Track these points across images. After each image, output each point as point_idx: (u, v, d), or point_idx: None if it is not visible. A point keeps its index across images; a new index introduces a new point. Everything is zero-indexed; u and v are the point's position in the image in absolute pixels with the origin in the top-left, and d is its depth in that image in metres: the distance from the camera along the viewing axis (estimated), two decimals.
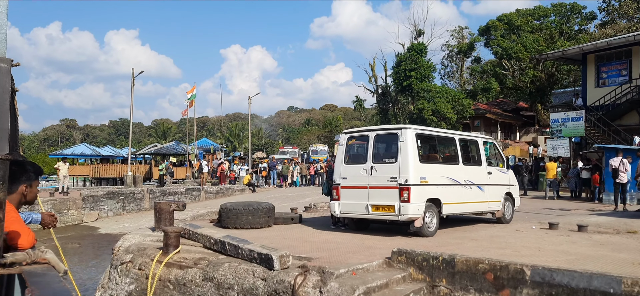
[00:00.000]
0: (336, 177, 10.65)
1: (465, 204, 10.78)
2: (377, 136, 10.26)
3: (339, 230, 11.13)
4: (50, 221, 4.87)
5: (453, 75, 78.48)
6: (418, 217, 9.59)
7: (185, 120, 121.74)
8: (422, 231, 9.76)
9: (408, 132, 9.73)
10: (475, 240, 9.56)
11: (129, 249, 9.85)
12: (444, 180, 10.24)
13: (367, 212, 10.08)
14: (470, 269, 6.72)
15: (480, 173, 11.31)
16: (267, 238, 10.01)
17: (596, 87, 28.56)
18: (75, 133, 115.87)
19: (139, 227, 22.66)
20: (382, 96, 76.26)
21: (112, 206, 25.40)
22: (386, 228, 11.19)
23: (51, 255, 3.63)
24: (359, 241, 9.44)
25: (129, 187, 28.81)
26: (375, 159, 10.18)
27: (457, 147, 10.88)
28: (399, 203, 9.55)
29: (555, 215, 14.04)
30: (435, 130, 10.90)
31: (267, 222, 11.59)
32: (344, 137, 10.81)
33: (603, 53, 28.06)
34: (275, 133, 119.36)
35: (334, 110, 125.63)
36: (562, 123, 26.85)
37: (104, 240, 20.86)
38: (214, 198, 28.41)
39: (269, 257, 7.32)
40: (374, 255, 7.96)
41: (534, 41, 52.97)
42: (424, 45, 66.54)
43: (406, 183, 9.49)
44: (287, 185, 33.00)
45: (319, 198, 26.38)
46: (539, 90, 54.29)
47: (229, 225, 11.38)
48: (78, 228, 23.23)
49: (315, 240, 9.76)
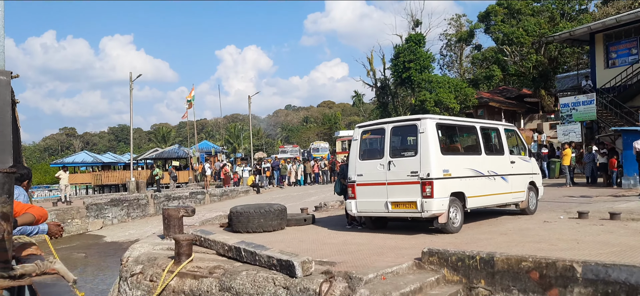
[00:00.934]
0: (351, 174, 10.09)
1: (489, 196, 10.22)
2: (394, 128, 9.69)
3: (356, 230, 10.58)
4: (57, 230, 5.04)
5: (452, 65, 77.78)
6: (442, 213, 9.04)
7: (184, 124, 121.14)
8: (447, 227, 9.21)
9: (428, 122, 9.17)
10: (504, 234, 9.01)
11: (138, 259, 9.31)
12: (467, 172, 9.69)
13: (386, 210, 9.52)
14: (512, 268, 6.16)
15: (503, 163, 10.75)
16: (282, 241, 9.46)
17: (606, 68, 27.88)
18: (75, 141, 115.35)
19: (145, 234, 22.16)
20: (381, 90, 75.67)
21: (116, 213, 24.88)
22: (406, 225, 10.63)
23: (60, 265, 3.76)
24: (380, 242, 8.89)
25: (132, 193, 28.28)
26: (393, 153, 9.61)
27: (478, 136, 10.32)
28: (421, 199, 8.99)
29: (580, 203, 13.49)
30: (456, 119, 10.34)
31: (279, 224, 11.05)
32: (357, 131, 10.24)
33: (611, 31, 27.35)
34: (274, 133, 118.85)
35: (332, 106, 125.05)
36: (573, 107, 26.25)
37: (110, 249, 20.34)
38: (219, 200, 27.88)
39: (290, 264, 6.77)
40: (401, 256, 7.42)
41: (536, 24, 52.23)
42: (422, 36, 65.83)
43: (428, 177, 8.93)
44: (286, 185, 32.43)
45: (324, 196, 25.86)
46: (542, 76, 53.56)
47: (241, 229, 10.84)
48: (83, 238, 22.72)
49: (333, 242, 9.21)
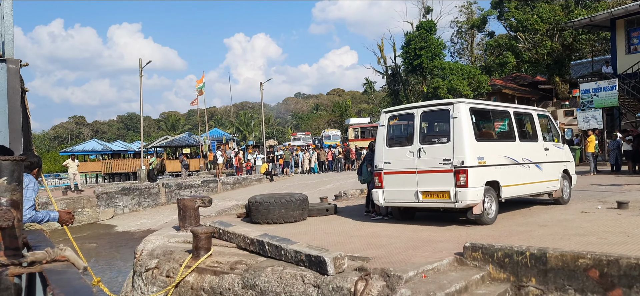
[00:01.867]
0: (378, 162, 9.52)
1: (524, 185, 9.63)
2: (424, 113, 9.10)
3: (383, 221, 10.04)
4: (68, 218, 5.11)
5: (463, 52, 76.84)
6: (477, 203, 8.46)
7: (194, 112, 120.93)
8: (482, 218, 8.64)
9: (462, 107, 8.57)
10: (543, 226, 8.42)
11: (153, 253, 8.82)
12: (501, 160, 9.09)
13: (416, 200, 8.96)
14: (568, 265, 5.59)
15: (537, 150, 10.14)
16: (306, 234, 8.94)
17: (627, 53, 27.05)
18: (85, 129, 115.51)
19: (157, 223, 21.76)
20: (392, 77, 74.88)
21: (127, 202, 24.50)
22: (434, 216, 10.07)
23: (70, 253, 3.78)
24: (412, 234, 8.34)
25: (143, 182, 27.89)
26: (424, 140, 9.03)
27: (512, 121, 9.71)
28: (454, 189, 8.41)
29: (612, 192, 12.85)
30: (489, 103, 9.74)
31: (301, 214, 10.52)
32: (384, 116, 9.66)
33: (634, 17, 26.54)
34: (284, 121, 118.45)
35: (342, 94, 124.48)
36: (594, 93, 25.50)
37: (121, 239, 19.96)
38: (232, 189, 27.43)
39: (321, 259, 6.24)
40: (438, 251, 6.87)
41: (550, 11, 51.22)
42: (434, 23, 64.95)
43: (462, 165, 8.34)
44: (292, 174, 31.93)
45: (340, 185, 25.35)
46: (556, 63, 52.62)
47: (260, 220, 10.32)
48: (94, 227, 22.36)
49: (361, 233, 8.67)
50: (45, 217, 4.98)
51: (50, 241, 7.57)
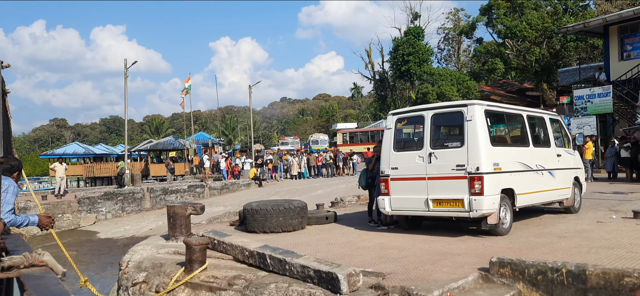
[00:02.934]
0: (384, 168, 8.90)
1: (537, 193, 9.08)
2: (436, 116, 8.50)
3: (389, 231, 9.40)
4: (48, 222, 4.98)
5: (450, 59, 76.95)
6: (493, 212, 7.88)
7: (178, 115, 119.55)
8: (497, 229, 8.06)
9: (476, 109, 7.99)
10: (563, 237, 7.86)
11: (141, 265, 8.09)
12: (516, 166, 8.53)
13: (426, 208, 8.34)
14: (611, 284, 5.01)
15: (550, 157, 9.61)
16: (308, 244, 8.28)
17: (620, 60, 26.86)
18: (66, 132, 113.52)
19: (142, 229, 20.91)
20: (379, 82, 74.65)
21: (110, 207, 23.58)
22: (443, 226, 9.47)
23: (49, 257, 3.74)
24: (424, 245, 7.72)
25: (127, 186, 26.96)
26: (435, 144, 8.43)
27: (526, 125, 9.17)
28: (469, 197, 7.82)
29: (620, 201, 12.39)
30: (503, 105, 9.16)
31: (300, 223, 9.85)
32: (391, 118, 9.04)
33: (627, 24, 26.36)
34: (270, 125, 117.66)
35: (328, 99, 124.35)
36: (588, 99, 25.24)
37: (104, 246, 19.08)
38: (219, 194, 26.65)
39: (333, 276, 5.58)
40: (459, 266, 6.25)
41: (539, 18, 51.23)
42: (421, 29, 64.93)
43: (478, 171, 7.76)
44: (278, 178, 31.21)
45: (331, 190, 24.72)
46: (544, 70, 52.64)
47: (256, 229, 9.63)
48: (75, 234, 21.42)
49: (368, 245, 8.03)
50: (24, 221, 4.90)
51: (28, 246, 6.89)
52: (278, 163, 31.18)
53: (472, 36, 62.72)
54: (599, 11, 48.69)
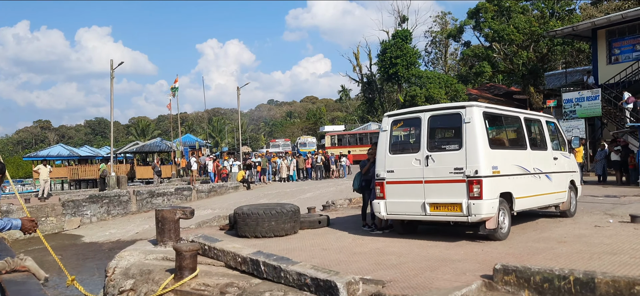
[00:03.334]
0: (380, 170, 8.68)
1: (535, 197, 8.92)
2: (433, 117, 8.30)
3: (384, 235, 9.17)
4: (31, 226, 4.88)
5: (437, 62, 77.24)
6: (491, 217, 7.69)
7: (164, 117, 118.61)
8: (496, 234, 7.87)
9: (475, 111, 7.81)
10: (563, 242, 7.70)
11: (128, 272, 7.78)
12: (514, 169, 8.36)
13: (423, 213, 8.14)
14: (621, 293, 4.82)
15: (546, 160, 9.46)
16: (302, 250, 8.02)
17: (608, 64, 26.99)
18: (50, 134, 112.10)
19: (128, 233, 20.49)
20: (367, 85, 74.68)
21: (95, 211, 23.10)
22: (439, 230, 9.27)
23: (31, 262, 3.78)
24: (421, 251, 7.51)
25: (113, 189, 26.48)
26: (432, 146, 8.23)
27: (523, 128, 9.01)
28: (467, 200, 7.63)
29: (613, 204, 12.31)
30: (501, 108, 8.98)
31: (292, 227, 9.59)
32: (387, 120, 8.82)
33: (615, 28, 26.50)
34: (257, 127, 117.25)
35: (315, 102, 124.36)
36: (577, 103, 25.30)
37: (89, 250, 18.63)
38: (207, 197, 26.27)
39: (331, 285, 5.34)
40: (460, 273, 6.05)
41: (526, 22, 51.49)
42: (409, 32, 65.04)
43: (476, 175, 7.57)
44: (266, 180, 30.88)
45: (320, 193, 24.49)
46: (531, 73, 52.91)
47: (247, 233, 9.36)
48: (59, 238, 20.92)
49: (363, 250, 7.79)
50: (7, 225, 4.78)
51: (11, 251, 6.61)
52: (266, 166, 30.86)
53: (459, 39, 62.95)
54: (585, 16, 49.10)
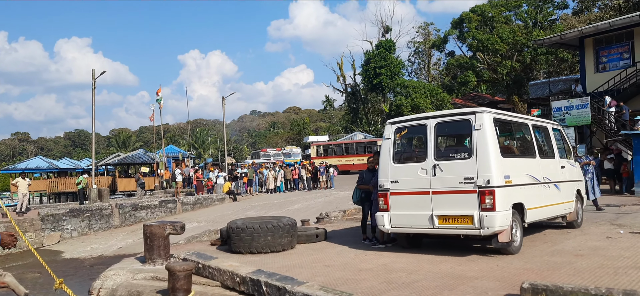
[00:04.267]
0: (383, 181, 8.20)
1: (545, 208, 8.51)
2: (440, 124, 7.85)
3: (387, 249, 8.67)
4: (10, 241, 5.00)
5: (420, 72, 77.44)
6: (505, 229, 7.25)
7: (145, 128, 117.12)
8: (509, 247, 7.43)
9: (485, 117, 7.38)
10: (579, 255, 7.29)
11: (115, 294, 7.17)
12: (525, 179, 7.95)
13: (431, 226, 7.66)
14: None
15: (554, 168, 9.08)
16: (302, 267, 7.49)
17: (596, 72, 27.00)
18: (29, 146, 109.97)
19: (110, 248, 19.72)
20: (351, 95, 74.48)
21: (76, 225, 22.26)
22: (445, 244, 8.80)
23: (10, 279, 4.05)
24: (432, 267, 7.02)
25: (94, 202, 25.63)
26: (439, 155, 7.78)
27: (532, 135, 8.61)
28: (479, 212, 7.18)
29: (616, 214, 11.99)
30: (510, 114, 8.57)
31: (289, 242, 9.05)
32: (390, 128, 8.35)
33: (602, 36, 26.53)
34: (240, 138, 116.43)
35: (298, 112, 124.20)
36: (566, 111, 25.18)
37: (69, 267, 17.84)
38: (192, 210, 25.56)
39: None
40: (481, 292, 5.58)
41: (510, 32, 51.77)
42: (393, 42, 65.12)
43: (489, 185, 7.12)
44: (253, 192, 30.24)
45: (308, 204, 23.95)
46: (515, 83, 53.14)
47: (242, 249, 8.78)
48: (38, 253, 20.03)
49: (369, 267, 7.28)
50: None
51: None
52: (253, 177, 30.22)
53: (443, 49, 63.15)
54: (565, 26, 49.47)
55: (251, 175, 30.25)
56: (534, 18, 54.75)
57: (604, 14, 47.25)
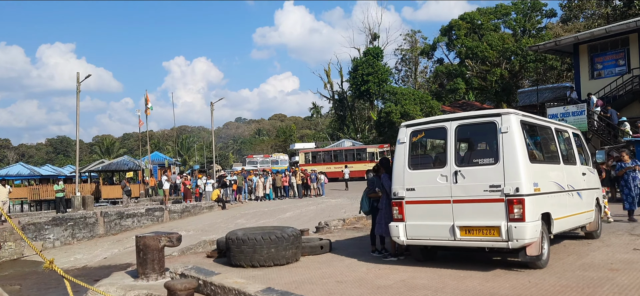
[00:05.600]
0: (397, 189, 7.56)
1: (570, 218, 7.93)
2: (461, 127, 7.24)
3: (399, 262, 8.02)
4: None
5: (407, 79, 77.38)
6: (534, 241, 6.65)
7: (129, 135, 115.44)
8: (539, 261, 6.83)
9: (512, 118, 6.80)
10: (615, 270, 6.72)
11: None
12: (551, 187, 7.37)
13: (451, 237, 7.04)
14: None
15: (577, 175, 8.53)
16: (312, 282, 6.81)
17: (591, 79, 26.81)
18: (10, 153, 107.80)
19: (95, 258, 18.82)
20: (339, 102, 74.01)
21: (59, 234, 21.29)
22: (461, 256, 8.17)
23: None
24: (458, 284, 6.38)
25: (78, 210, 24.67)
26: (461, 160, 7.18)
27: (555, 140, 8.05)
28: (507, 223, 6.57)
29: (633, 224, 11.48)
30: (536, 116, 7.97)
31: (294, 254, 8.36)
32: (405, 131, 7.73)
33: (597, 43, 26.34)
34: (226, 145, 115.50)
35: (284, 119, 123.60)
36: (562, 118, 24.77)
37: (51, 279, 16.84)
38: (180, 218, 24.71)
39: None
40: None
41: (499, 39, 51.77)
42: (380, 49, 64.83)
43: (517, 193, 6.52)
44: (242, 199, 29.45)
45: (300, 212, 23.26)
46: (504, 90, 53.12)
47: (243, 262, 8.08)
48: (18, 264, 19.07)
49: (387, 283, 6.63)
50: None
51: None
52: (242, 184, 29.43)
53: (432, 56, 63.04)
54: (552, 34, 49.52)
55: (240, 182, 29.47)
56: (523, 26, 54.87)
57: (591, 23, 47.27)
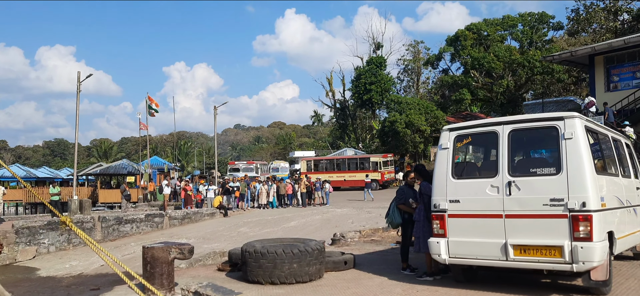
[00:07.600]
0: (439, 200, 6.69)
1: (630, 236, 7.09)
2: (515, 132, 6.39)
3: (438, 283, 7.13)
4: None
5: (409, 89, 76.77)
6: (601, 264, 5.78)
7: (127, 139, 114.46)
8: (605, 287, 5.96)
9: (577, 124, 5.96)
10: None
11: None
12: (614, 202, 6.52)
13: (503, 257, 6.16)
14: None
15: (633, 189, 7.68)
16: None
17: (606, 91, 26.01)
18: (6, 155, 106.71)
19: (92, 265, 17.82)
20: (340, 111, 73.29)
21: (54, 239, 20.32)
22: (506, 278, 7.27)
23: None
24: None
25: (75, 214, 23.72)
26: (515, 169, 6.31)
27: (613, 150, 7.21)
28: (571, 242, 5.71)
29: None
30: (597, 123, 7.13)
31: (318, 271, 7.48)
32: (447, 135, 6.88)
33: (613, 54, 25.58)
34: (224, 152, 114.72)
35: (283, 127, 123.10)
36: None
37: (45, 286, 15.91)
38: (180, 224, 23.77)
39: None
40: None
41: (506, 50, 51.14)
42: (384, 59, 64.27)
43: (584, 208, 5.67)
44: (245, 207, 28.51)
45: (305, 221, 22.40)
46: (510, 102, 52.43)
47: (261, 279, 7.19)
48: (10, 270, 18.08)
49: None
50: None
51: None
52: (245, 191, 28.52)
53: (437, 66, 62.46)
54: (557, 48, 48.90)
55: (243, 188, 28.58)
56: (530, 38, 54.28)
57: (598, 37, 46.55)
